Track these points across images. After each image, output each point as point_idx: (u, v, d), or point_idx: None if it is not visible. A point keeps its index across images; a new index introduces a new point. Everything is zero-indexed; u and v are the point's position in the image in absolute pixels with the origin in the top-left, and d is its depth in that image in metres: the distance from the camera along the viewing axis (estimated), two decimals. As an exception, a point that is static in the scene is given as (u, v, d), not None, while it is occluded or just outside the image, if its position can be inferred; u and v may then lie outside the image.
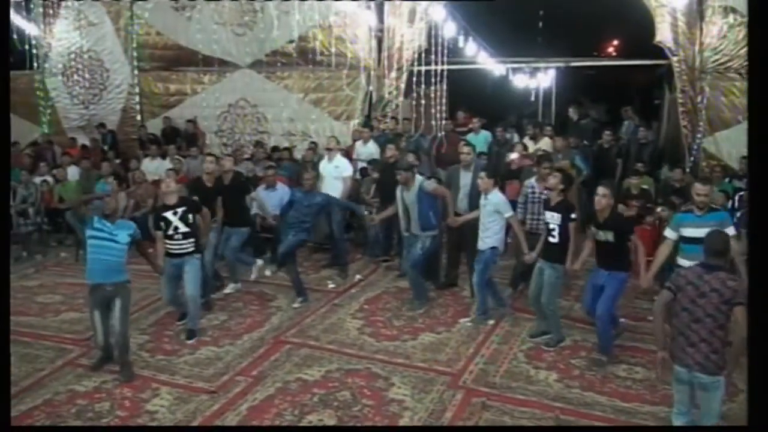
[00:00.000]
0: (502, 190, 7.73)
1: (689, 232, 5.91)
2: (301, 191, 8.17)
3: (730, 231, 5.63)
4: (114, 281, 6.13)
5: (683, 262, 5.92)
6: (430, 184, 7.73)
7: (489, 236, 7.18)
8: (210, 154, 8.72)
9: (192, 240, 6.93)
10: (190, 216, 6.91)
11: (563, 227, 6.58)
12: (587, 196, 9.05)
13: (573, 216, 6.63)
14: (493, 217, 7.14)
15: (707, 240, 4.50)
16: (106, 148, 13.35)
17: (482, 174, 7.20)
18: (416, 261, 7.75)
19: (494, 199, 7.13)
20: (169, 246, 6.89)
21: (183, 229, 6.85)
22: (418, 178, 7.73)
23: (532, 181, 7.86)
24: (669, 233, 6.17)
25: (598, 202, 6.33)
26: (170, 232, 6.85)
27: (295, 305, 7.96)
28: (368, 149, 10.60)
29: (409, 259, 7.86)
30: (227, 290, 8.48)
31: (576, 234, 6.70)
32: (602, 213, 6.32)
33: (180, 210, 6.88)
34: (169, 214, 6.88)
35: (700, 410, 4.45)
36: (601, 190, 6.39)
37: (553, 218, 6.66)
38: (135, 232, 6.27)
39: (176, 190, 7.08)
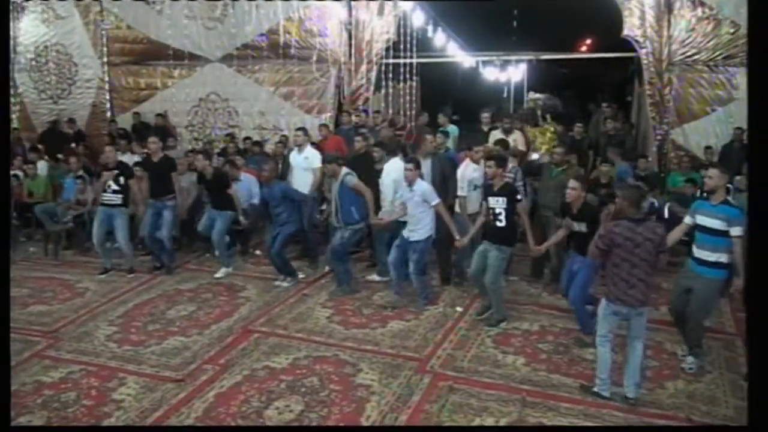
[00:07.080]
0: None
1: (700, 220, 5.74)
2: (264, 185, 8.57)
3: (736, 231, 5.42)
4: None
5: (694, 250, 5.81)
6: (352, 180, 7.70)
7: (421, 227, 7.29)
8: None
9: (121, 195, 8.65)
10: (121, 178, 8.61)
11: (509, 210, 6.80)
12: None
13: (519, 198, 6.90)
14: (421, 207, 7.25)
15: (626, 195, 5.20)
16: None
17: (408, 165, 7.27)
18: (335, 251, 7.87)
19: (420, 188, 7.24)
20: (103, 197, 8.72)
21: (114, 187, 8.61)
22: (344, 170, 7.76)
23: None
24: (687, 219, 5.91)
25: (569, 194, 6.56)
26: (104, 187, 8.65)
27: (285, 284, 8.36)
28: None
29: (329, 249, 8.01)
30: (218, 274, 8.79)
31: (524, 214, 7.04)
32: (574, 204, 6.54)
33: (115, 172, 8.60)
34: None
35: (631, 332, 5.33)
36: (571, 183, 6.61)
37: (497, 203, 6.85)
38: None
39: (113, 157, 8.83)
